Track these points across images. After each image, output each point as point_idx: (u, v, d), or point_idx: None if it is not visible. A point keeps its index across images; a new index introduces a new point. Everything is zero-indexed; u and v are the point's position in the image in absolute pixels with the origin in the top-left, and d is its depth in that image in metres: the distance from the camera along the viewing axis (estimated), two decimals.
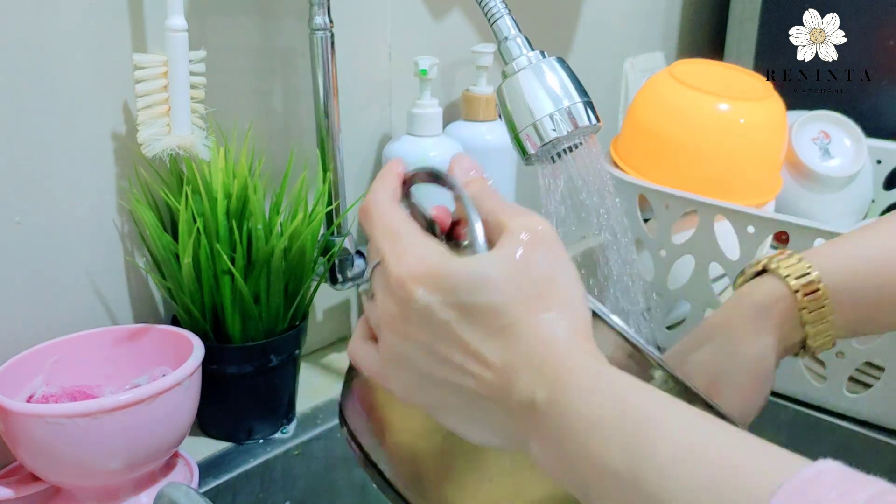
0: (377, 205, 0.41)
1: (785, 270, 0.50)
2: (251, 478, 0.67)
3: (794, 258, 0.51)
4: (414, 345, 0.38)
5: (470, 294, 0.36)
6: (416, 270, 0.37)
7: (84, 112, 0.62)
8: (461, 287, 0.36)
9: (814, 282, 0.50)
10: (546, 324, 0.36)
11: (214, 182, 0.63)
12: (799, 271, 0.50)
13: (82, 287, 0.65)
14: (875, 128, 1.03)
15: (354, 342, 0.43)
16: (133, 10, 0.63)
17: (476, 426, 0.38)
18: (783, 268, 0.50)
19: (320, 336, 0.86)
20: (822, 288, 0.49)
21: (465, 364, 0.37)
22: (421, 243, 0.38)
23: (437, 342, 0.37)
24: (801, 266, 0.50)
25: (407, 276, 0.37)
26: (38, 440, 0.53)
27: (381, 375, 0.41)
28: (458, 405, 0.38)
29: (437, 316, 0.37)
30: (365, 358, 0.42)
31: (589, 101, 0.52)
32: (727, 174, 0.85)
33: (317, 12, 0.68)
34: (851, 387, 0.73)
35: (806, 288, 0.49)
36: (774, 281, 0.51)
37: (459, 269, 0.37)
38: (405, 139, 0.80)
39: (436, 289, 0.37)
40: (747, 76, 0.92)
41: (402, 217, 0.40)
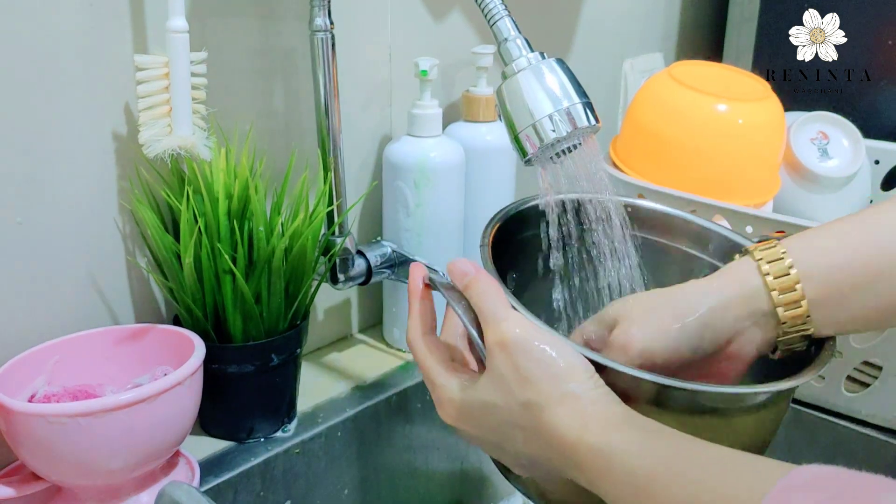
0: (411, 347, 0.51)
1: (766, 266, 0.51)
2: (252, 477, 0.67)
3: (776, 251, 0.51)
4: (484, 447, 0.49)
5: (487, 419, 0.46)
6: (451, 412, 0.48)
7: (85, 113, 0.62)
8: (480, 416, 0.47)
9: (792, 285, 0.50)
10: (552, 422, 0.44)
11: (215, 182, 0.63)
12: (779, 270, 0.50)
13: (84, 287, 0.65)
14: (874, 128, 1.03)
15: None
16: (134, 12, 0.63)
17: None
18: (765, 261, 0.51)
19: (321, 335, 0.86)
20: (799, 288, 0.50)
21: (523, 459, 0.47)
22: (444, 386, 0.48)
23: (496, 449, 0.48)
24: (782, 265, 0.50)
25: (450, 420, 0.49)
26: (40, 439, 0.54)
27: None
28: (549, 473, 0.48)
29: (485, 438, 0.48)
30: None
31: (588, 102, 0.52)
32: (726, 174, 0.85)
33: (317, 13, 0.68)
34: (849, 386, 0.74)
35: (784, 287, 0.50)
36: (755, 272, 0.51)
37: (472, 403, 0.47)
38: (405, 140, 0.80)
39: (468, 423, 0.48)
40: (746, 77, 0.93)
41: (430, 358, 0.49)
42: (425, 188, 0.79)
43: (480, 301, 0.47)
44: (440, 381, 0.48)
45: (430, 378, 0.49)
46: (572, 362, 0.44)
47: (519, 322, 0.45)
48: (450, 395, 0.48)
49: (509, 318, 0.45)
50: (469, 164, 0.83)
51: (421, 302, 0.52)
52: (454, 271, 0.49)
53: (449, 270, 0.50)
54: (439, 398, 0.49)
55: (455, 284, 0.49)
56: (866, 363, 0.73)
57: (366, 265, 0.77)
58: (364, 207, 0.85)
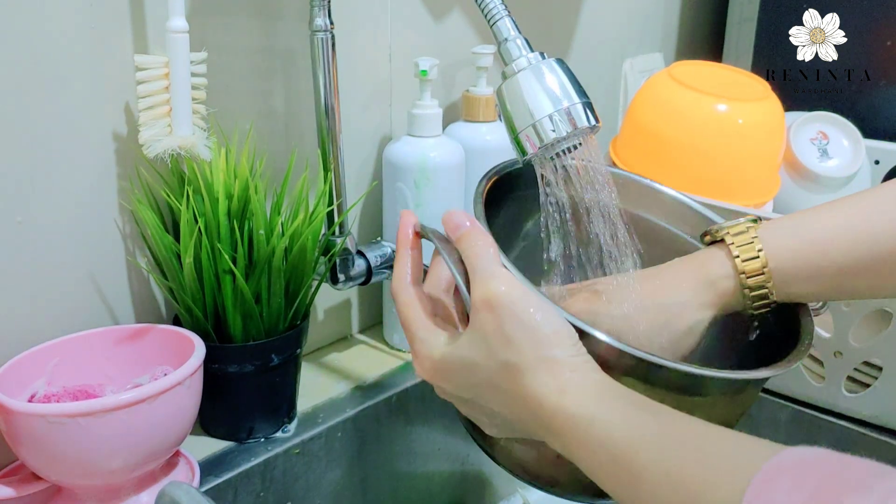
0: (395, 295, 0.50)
1: (736, 250, 0.52)
2: (252, 477, 0.67)
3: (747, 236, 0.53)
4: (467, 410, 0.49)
5: (466, 377, 0.46)
6: (427, 367, 0.47)
7: (85, 113, 0.62)
8: (458, 373, 0.46)
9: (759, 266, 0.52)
10: (531, 384, 0.43)
11: (216, 182, 0.63)
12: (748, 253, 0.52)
13: (84, 287, 0.65)
14: (873, 128, 1.03)
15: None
16: (134, 12, 0.63)
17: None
18: (735, 245, 0.53)
19: (321, 335, 0.86)
20: (766, 272, 0.52)
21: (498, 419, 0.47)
22: (424, 340, 0.47)
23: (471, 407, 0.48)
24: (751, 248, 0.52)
25: (425, 374, 0.48)
26: (40, 439, 0.54)
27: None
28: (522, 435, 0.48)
29: (461, 396, 0.47)
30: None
31: (588, 102, 0.52)
32: (726, 174, 0.85)
33: (317, 13, 0.68)
34: (850, 386, 0.74)
35: (752, 270, 0.52)
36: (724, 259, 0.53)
37: (451, 359, 0.46)
38: (405, 140, 0.80)
39: (445, 379, 0.47)
40: (746, 77, 0.93)
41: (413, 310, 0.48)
42: (425, 188, 0.79)
43: (472, 255, 0.46)
44: (421, 334, 0.47)
45: (411, 330, 0.48)
46: (557, 328, 0.44)
47: (507, 281, 0.44)
48: (428, 350, 0.47)
49: (498, 276, 0.45)
50: (469, 164, 0.83)
51: (410, 251, 0.50)
52: (449, 222, 0.49)
53: (444, 221, 0.49)
54: (417, 351, 0.48)
55: (448, 236, 0.49)
56: (867, 363, 0.73)
57: (366, 265, 0.77)
58: (364, 207, 0.85)
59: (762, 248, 0.52)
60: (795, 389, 0.76)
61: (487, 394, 0.45)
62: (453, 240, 0.48)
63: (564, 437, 0.42)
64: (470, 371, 0.45)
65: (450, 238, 0.49)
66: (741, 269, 0.52)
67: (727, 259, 0.53)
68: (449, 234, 0.49)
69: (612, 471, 0.40)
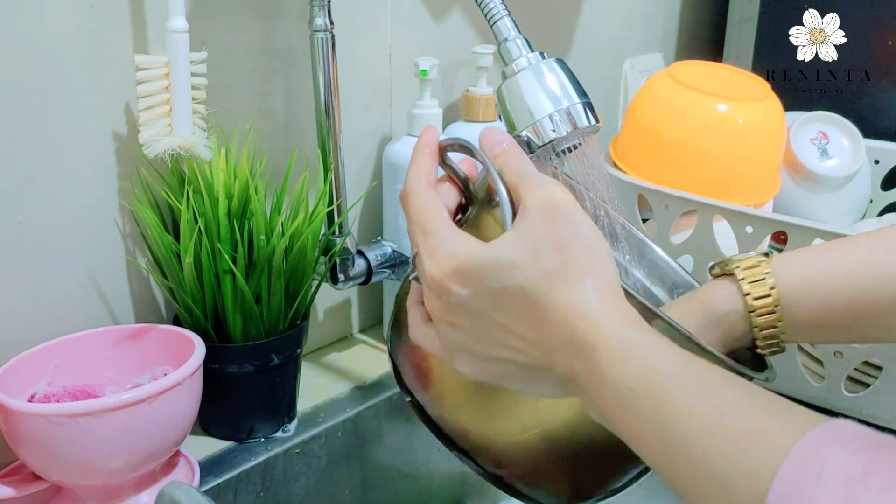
0: (412, 194, 0.44)
1: (747, 286, 0.51)
2: (252, 476, 0.67)
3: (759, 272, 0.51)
4: (463, 332, 0.42)
5: (497, 280, 0.40)
6: (446, 267, 0.41)
7: (86, 113, 0.62)
8: (488, 276, 0.40)
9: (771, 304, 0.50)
10: (572, 296, 0.39)
11: (216, 182, 0.63)
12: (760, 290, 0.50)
13: (84, 287, 0.65)
14: (873, 128, 1.03)
15: (416, 327, 0.46)
16: (134, 12, 0.63)
17: (535, 388, 0.42)
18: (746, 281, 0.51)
19: (321, 335, 0.86)
20: (778, 311, 0.50)
21: (509, 343, 0.41)
22: (448, 238, 0.42)
23: (481, 328, 0.41)
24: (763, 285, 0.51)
25: (439, 273, 0.41)
26: (40, 439, 0.54)
27: (444, 357, 0.44)
28: (515, 375, 0.42)
29: (473, 306, 0.41)
30: (428, 342, 0.45)
31: (588, 102, 0.52)
32: (726, 174, 0.85)
33: (317, 13, 0.68)
34: (850, 386, 0.74)
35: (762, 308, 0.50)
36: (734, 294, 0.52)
37: (484, 259, 0.40)
38: (405, 139, 0.80)
39: (466, 282, 0.40)
40: (746, 77, 0.93)
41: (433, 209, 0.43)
42: None
43: (516, 167, 0.43)
44: (444, 231, 0.42)
45: (429, 227, 0.43)
46: (607, 249, 0.41)
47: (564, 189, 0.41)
48: (452, 247, 0.41)
49: (554, 182, 0.41)
50: None
51: (431, 158, 0.46)
52: (489, 136, 0.45)
53: (482, 136, 0.46)
54: (436, 248, 0.42)
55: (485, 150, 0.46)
56: (867, 363, 0.73)
57: (366, 265, 0.77)
58: (364, 207, 0.85)
59: (774, 285, 0.50)
60: (795, 389, 0.76)
61: (512, 303, 0.40)
62: (491, 155, 0.45)
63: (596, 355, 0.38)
64: (503, 274, 0.40)
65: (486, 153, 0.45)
66: (751, 307, 0.50)
67: (737, 294, 0.51)
68: (486, 148, 0.45)
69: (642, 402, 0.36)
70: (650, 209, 0.82)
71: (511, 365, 0.42)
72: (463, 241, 0.41)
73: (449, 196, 0.47)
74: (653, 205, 0.81)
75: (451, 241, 0.42)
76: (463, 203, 0.49)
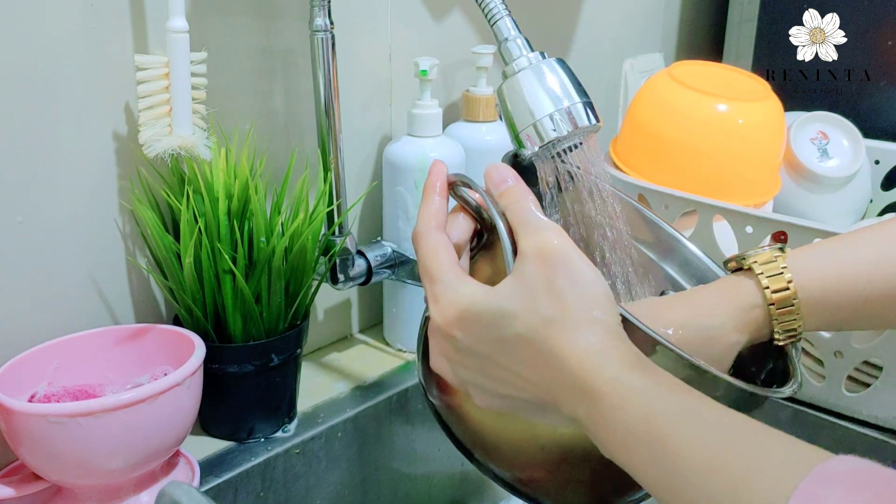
0: (420, 238, 0.46)
1: (765, 281, 0.52)
2: (252, 476, 0.67)
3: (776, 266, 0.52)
4: (472, 371, 0.44)
5: (498, 329, 0.42)
6: (449, 315, 0.43)
7: (86, 113, 0.62)
8: (488, 324, 0.42)
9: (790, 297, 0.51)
10: (571, 343, 0.40)
11: (216, 182, 0.63)
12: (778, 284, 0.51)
13: (84, 287, 0.65)
14: (874, 128, 1.03)
15: (433, 357, 0.47)
16: (134, 12, 0.63)
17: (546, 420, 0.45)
18: (765, 275, 0.52)
19: (321, 335, 0.86)
20: (796, 304, 0.51)
21: (515, 383, 0.43)
22: (450, 285, 0.44)
23: (487, 368, 0.43)
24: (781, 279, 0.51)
25: (443, 321, 0.44)
26: (40, 439, 0.54)
27: (459, 387, 0.47)
28: (525, 408, 0.44)
29: (478, 350, 0.43)
30: (443, 372, 0.47)
31: (589, 102, 0.52)
32: (726, 174, 0.85)
33: (317, 13, 0.68)
34: (850, 386, 0.74)
35: (781, 301, 0.51)
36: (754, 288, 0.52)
37: (484, 308, 0.42)
38: (405, 140, 0.80)
39: (469, 329, 0.43)
40: (746, 77, 0.93)
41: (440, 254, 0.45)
42: None
43: (519, 208, 0.44)
44: (448, 278, 0.44)
45: (434, 274, 0.44)
46: (607, 290, 0.42)
47: (560, 234, 0.42)
48: (455, 296, 0.43)
49: (551, 228, 0.42)
50: (469, 164, 0.83)
51: (440, 198, 0.47)
52: (493, 174, 0.46)
53: (487, 173, 0.47)
54: (440, 296, 0.44)
55: (490, 189, 0.46)
56: (867, 363, 0.73)
57: (366, 265, 0.77)
58: (364, 207, 0.85)
59: (792, 279, 0.51)
60: None
61: (513, 350, 0.42)
62: (495, 194, 0.46)
63: (597, 401, 0.39)
64: (503, 322, 0.42)
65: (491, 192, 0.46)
66: (770, 300, 0.51)
67: (757, 289, 0.52)
68: (491, 187, 0.46)
69: (645, 445, 0.37)
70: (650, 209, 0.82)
71: (520, 401, 0.44)
72: (465, 289, 0.43)
73: (463, 226, 0.49)
74: (653, 205, 0.81)
75: (453, 289, 0.43)
76: (478, 228, 0.50)
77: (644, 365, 0.40)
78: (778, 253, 0.53)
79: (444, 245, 0.46)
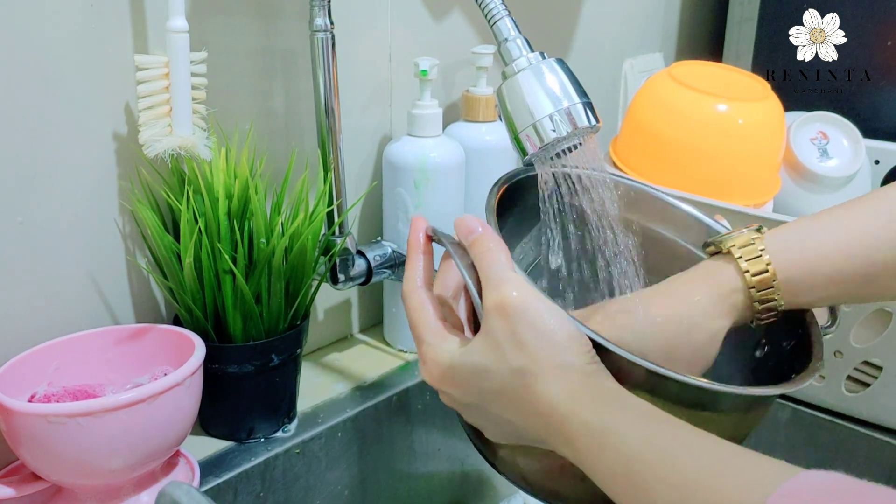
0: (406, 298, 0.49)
1: (745, 264, 0.52)
2: (252, 477, 0.67)
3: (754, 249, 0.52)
4: (473, 417, 0.48)
5: (476, 383, 0.45)
6: (434, 373, 0.47)
7: (85, 113, 0.62)
8: (469, 380, 0.45)
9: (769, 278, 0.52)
10: (543, 392, 0.43)
11: (216, 182, 0.63)
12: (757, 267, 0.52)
13: (84, 287, 0.65)
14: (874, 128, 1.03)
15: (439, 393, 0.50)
16: (134, 12, 0.63)
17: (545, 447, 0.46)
18: (744, 259, 0.52)
19: (321, 335, 0.86)
20: (776, 285, 0.51)
21: (510, 430, 0.46)
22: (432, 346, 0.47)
23: (480, 413, 0.47)
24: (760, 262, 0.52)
25: (430, 378, 0.47)
26: (40, 439, 0.54)
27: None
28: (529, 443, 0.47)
29: (467, 401, 0.47)
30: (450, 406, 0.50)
31: (588, 102, 0.52)
32: (726, 174, 0.85)
33: (317, 13, 0.68)
34: (850, 386, 0.74)
35: (761, 283, 0.52)
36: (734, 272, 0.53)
37: (462, 366, 0.45)
38: (405, 140, 0.80)
39: (454, 384, 0.46)
40: (746, 77, 0.93)
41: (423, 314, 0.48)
42: (425, 188, 0.79)
43: (483, 260, 0.46)
44: (430, 338, 0.47)
45: (420, 334, 0.47)
46: (571, 334, 0.43)
47: (519, 286, 0.44)
48: (436, 356, 0.46)
49: (510, 281, 0.44)
50: (469, 164, 0.83)
51: (422, 255, 0.50)
52: (461, 227, 0.48)
53: (456, 225, 0.49)
54: (425, 356, 0.47)
55: (460, 240, 0.48)
56: (866, 363, 0.73)
57: (366, 265, 0.77)
58: (364, 207, 0.85)
59: (770, 261, 0.51)
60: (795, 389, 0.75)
61: (497, 400, 0.45)
62: (466, 244, 0.48)
63: (576, 445, 0.42)
64: (480, 377, 0.44)
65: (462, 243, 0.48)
66: (751, 284, 0.51)
67: (736, 273, 0.52)
68: (461, 238, 0.48)
69: (623, 480, 0.40)
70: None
71: (521, 438, 0.47)
72: (446, 348, 0.46)
73: (452, 272, 0.52)
74: None
75: (435, 350, 0.46)
76: None
77: (615, 402, 0.42)
78: (756, 235, 0.53)
79: (427, 303, 0.48)
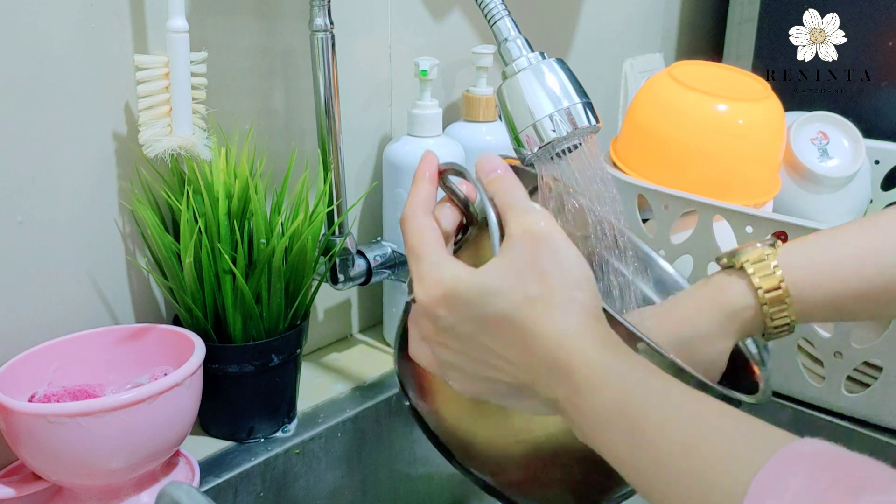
0: (408, 220, 0.46)
1: (757, 280, 0.52)
2: (252, 477, 0.67)
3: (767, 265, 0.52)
4: (453, 352, 0.44)
5: (481, 307, 0.42)
6: (434, 293, 0.43)
7: (86, 113, 0.62)
8: (473, 302, 0.42)
9: (782, 295, 0.52)
10: (553, 323, 0.41)
11: (216, 182, 0.63)
12: (770, 283, 0.52)
13: (84, 287, 0.65)
14: (874, 128, 1.03)
15: (414, 344, 0.48)
16: (134, 12, 0.63)
17: (523, 406, 0.45)
18: (757, 275, 0.52)
19: (321, 335, 0.86)
20: (789, 301, 0.51)
21: (496, 364, 0.43)
22: (436, 264, 0.44)
23: (469, 350, 0.44)
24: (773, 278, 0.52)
25: (427, 299, 0.43)
26: (40, 439, 0.54)
27: (438, 374, 0.47)
28: (504, 393, 0.44)
29: (461, 330, 0.43)
30: (423, 359, 0.47)
31: (588, 102, 0.52)
32: (726, 174, 0.85)
33: (317, 13, 0.68)
34: (850, 386, 0.74)
35: (774, 300, 0.52)
36: (745, 288, 0.53)
37: (469, 286, 0.42)
38: (405, 140, 0.80)
39: (453, 308, 0.43)
40: (746, 77, 0.93)
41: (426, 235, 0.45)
42: None
43: (507, 193, 0.45)
44: (434, 257, 0.44)
45: (420, 254, 0.45)
46: (588, 273, 0.43)
47: (546, 217, 0.43)
48: (439, 274, 0.43)
49: (537, 211, 0.43)
50: (469, 164, 0.82)
51: (429, 185, 0.48)
52: (483, 164, 0.48)
53: (478, 162, 0.48)
54: (425, 274, 0.44)
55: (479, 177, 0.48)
56: (867, 363, 0.73)
57: (366, 265, 0.77)
58: (364, 207, 0.85)
59: (783, 277, 0.51)
60: (795, 389, 0.76)
61: (495, 328, 0.42)
62: (485, 182, 0.47)
63: (575, 380, 0.40)
64: (487, 300, 0.42)
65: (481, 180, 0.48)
66: (763, 301, 0.51)
67: (748, 289, 0.52)
68: (481, 176, 0.47)
69: (619, 426, 0.38)
70: (650, 209, 0.82)
71: (499, 384, 0.44)
72: (450, 268, 0.43)
73: (450, 217, 0.50)
74: (652, 205, 0.81)
75: (439, 268, 0.44)
76: (464, 223, 0.50)
77: (621, 348, 0.41)
78: (769, 250, 0.53)
79: (430, 228, 0.46)
